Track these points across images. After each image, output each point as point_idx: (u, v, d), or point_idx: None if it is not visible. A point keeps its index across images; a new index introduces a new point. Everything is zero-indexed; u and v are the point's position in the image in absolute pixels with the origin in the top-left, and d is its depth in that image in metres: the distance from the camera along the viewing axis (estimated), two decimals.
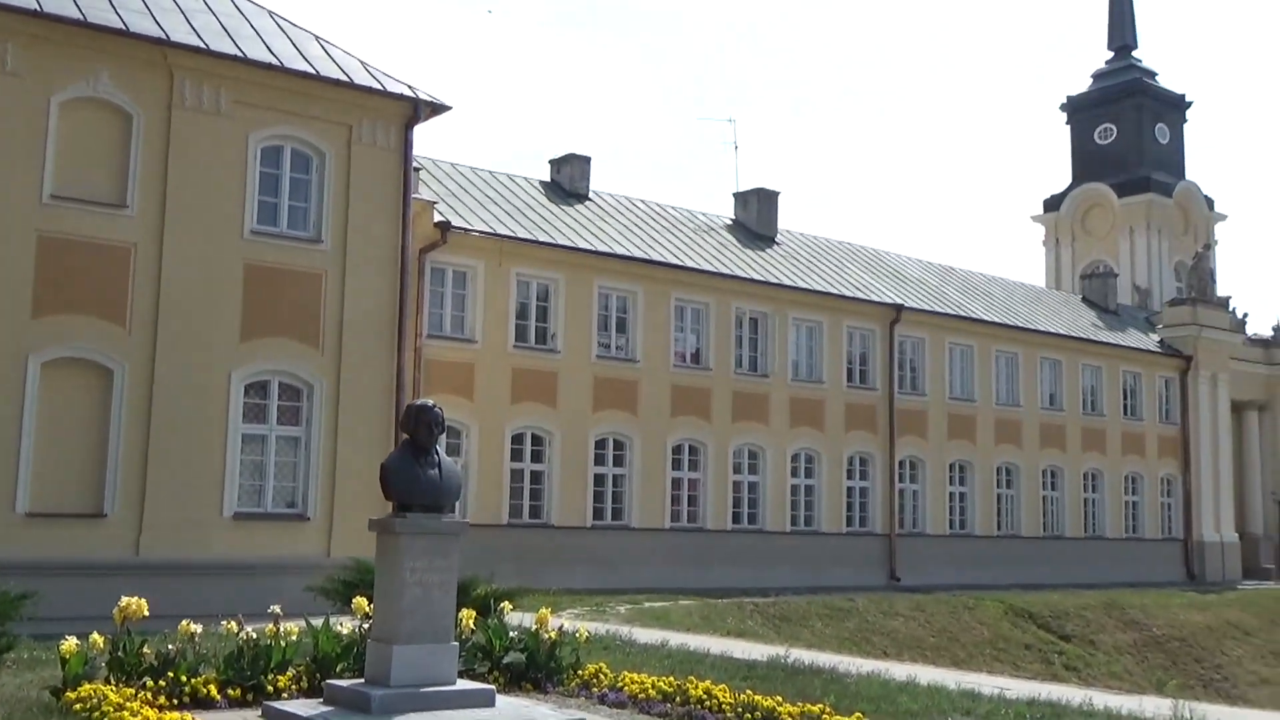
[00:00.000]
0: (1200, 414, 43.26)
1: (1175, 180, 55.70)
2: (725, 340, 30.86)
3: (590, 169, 32.93)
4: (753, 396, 31.31)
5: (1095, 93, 58.40)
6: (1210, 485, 43.28)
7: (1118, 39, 59.34)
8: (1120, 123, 56.68)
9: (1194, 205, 55.77)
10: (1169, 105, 57.86)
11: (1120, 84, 57.47)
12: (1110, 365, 40.98)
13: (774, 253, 34.73)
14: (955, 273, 41.98)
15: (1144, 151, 55.85)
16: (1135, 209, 54.14)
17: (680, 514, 29.82)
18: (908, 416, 34.58)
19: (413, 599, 9.13)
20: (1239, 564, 43.83)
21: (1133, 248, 53.87)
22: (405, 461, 9.49)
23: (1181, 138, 58.23)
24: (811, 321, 32.91)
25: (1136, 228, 54.09)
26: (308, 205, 20.85)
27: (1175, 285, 52.73)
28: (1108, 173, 55.71)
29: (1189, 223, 55.60)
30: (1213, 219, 56.70)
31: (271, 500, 20.06)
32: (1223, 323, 45.11)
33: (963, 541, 35.84)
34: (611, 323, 29.06)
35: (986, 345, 37.09)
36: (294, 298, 20.37)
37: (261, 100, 20.35)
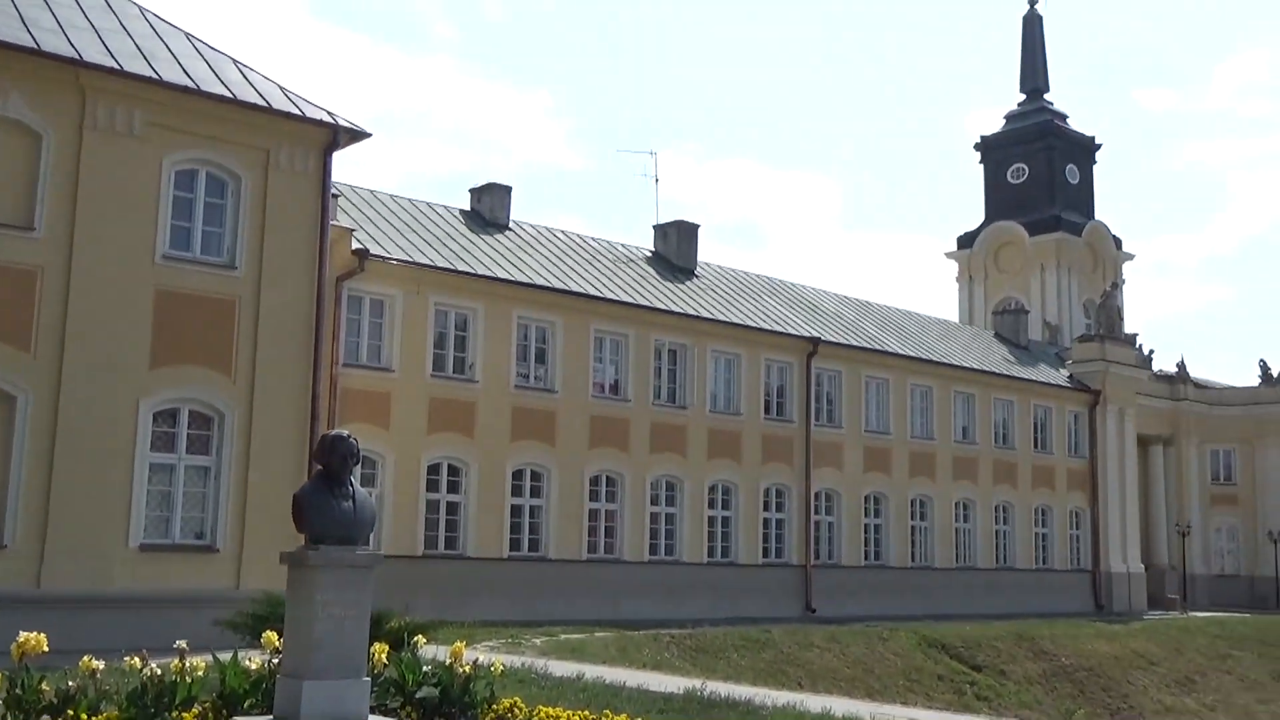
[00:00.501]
0: (1108, 447, 44.18)
1: (1085, 220, 57.15)
2: (644, 372, 30.89)
3: (511, 199, 32.87)
4: (671, 428, 31.35)
5: (1008, 133, 59.81)
6: (1117, 517, 44.16)
7: (1030, 82, 60.87)
8: (1032, 163, 58.06)
9: (1103, 244, 57.20)
10: (1079, 147, 59.42)
11: (1032, 125, 58.93)
12: (1021, 399, 41.72)
13: (693, 285, 34.89)
14: (871, 307, 42.52)
15: (1055, 191, 57.23)
16: (1046, 247, 55.39)
17: (598, 545, 29.70)
18: (824, 449, 34.85)
19: (324, 633, 8.95)
20: (1145, 594, 44.72)
21: (1043, 285, 55.09)
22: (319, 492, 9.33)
23: (1091, 178, 59.80)
24: (730, 354, 33.07)
25: (1047, 265, 55.33)
26: (222, 230, 20.53)
27: (1084, 322, 54.01)
28: (1020, 211, 56.99)
29: (1098, 261, 57.00)
30: (1120, 258, 58.21)
31: (179, 531, 19.61)
32: (1130, 359, 46.19)
33: (878, 572, 36.13)
34: (530, 353, 28.95)
35: (902, 379, 37.56)
36: (206, 324, 20.01)
37: (176, 123, 20.02)
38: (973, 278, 57.73)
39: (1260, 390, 52.76)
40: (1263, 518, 51.12)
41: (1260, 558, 51.05)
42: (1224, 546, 52.30)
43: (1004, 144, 59.36)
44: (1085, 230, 56.35)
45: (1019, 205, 57.32)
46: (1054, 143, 58.01)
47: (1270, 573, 50.09)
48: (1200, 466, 52.05)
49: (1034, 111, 59.71)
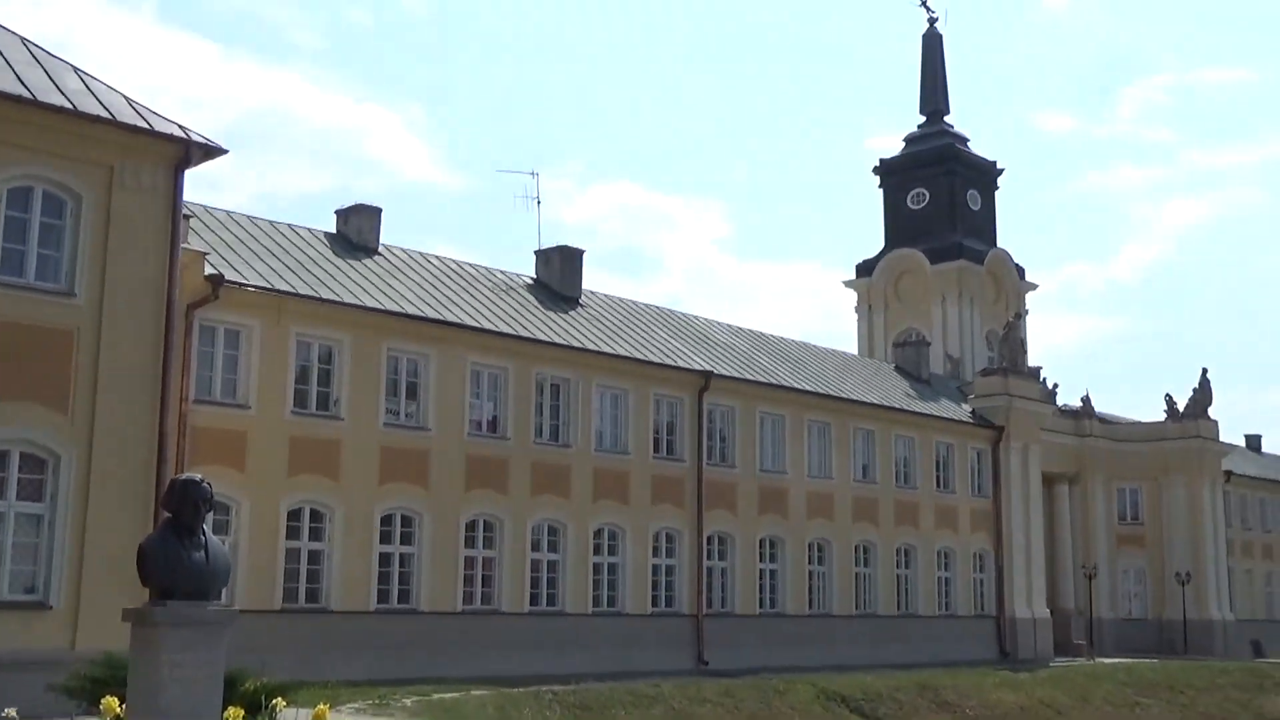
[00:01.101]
0: (1012, 486, 45.30)
1: (987, 248, 58.74)
2: (525, 408, 30.87)
3: (380, 221, 32.68)
4: (553, 468, 31.34)
5: (908, 157, 61.26)
6: (1022, 559, 45.23)
7: (930, 103, 62.47)
8: (933, 188, 59.53)
9: (1005, 273, 58.82)
10: (980, 172, 61.14)
11: (933, 149, 60.45)
12: (923, 436, 42.60)
13: (577, 315, 35.01)
14: (766, 339, 43.11)
15: (956, 218, 58.74)
16: (947, 276, 56.76)
17: (474, 595, 29.50)
18: (717, 489, 35.14)
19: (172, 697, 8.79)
20: (1050, 640, 45.83)
21: (945, 315, 56.42)
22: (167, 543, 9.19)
23: (993, 205, 61.53)
24: (616, 388, 33.22)
25: (949, 295, 56.69)
26: (60, 254, 20.02)
27: (987, 354, 55.42)
28: (920, 238, 58.34)
29: (1000, 291, 58.58)
30: (1024, 287, 59.92)
31: (8, 586, 18.98)
32: (1033, 393, 47.48)
33: (773, 621, 36.48)
34: (401, 388, 28.74)
35: (798, 415, 38.09)
36: (40, 357, 19.48)
37: (9, 136, 19.52)
38: (872, 308, 58.88)
39: (1166, 425, 54.61)
40: (1170, 558, 52.83)
41: (1168, 600, 52.71)
42: (1131, 589, 53.91)
43: (904, 168, 60.76)
44: (987, 258, 57.89)
45: (920, 232, 58.69)
46: (955, 167, 59.58)
47: (1178, 615, 51.74)
48: (1106, 505, 53.64)
49: (934, 134, 61.26)
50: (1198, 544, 52.81)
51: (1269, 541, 60.77)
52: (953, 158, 59.79)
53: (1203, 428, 54.01)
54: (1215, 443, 54.71)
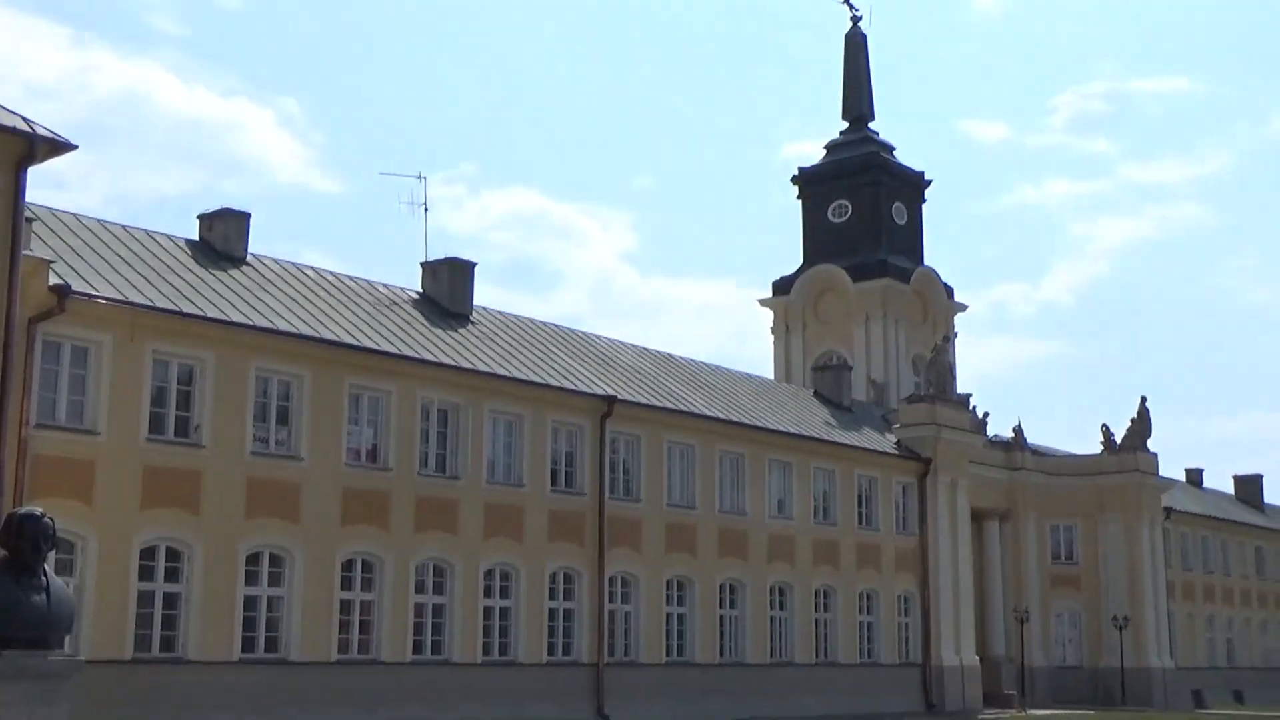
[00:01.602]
0: (939, 523, 45.99)
1: (913, 265, 59.70)
2: (409, 435, 30.71)
3: (249, 228, 32.40)
4: (440, 502, 31.20)
5: (829, 166, 62.08)
6: (950, 602, 45.92)
7: (853, 109, 63.41)
8: (856, 200, 60.38)
9: (933, 293, 59.80)
10: (907, 183, 62.15)
11: (855, 158, 61.29)
12: (844, 468, 43.10)
13: (468, 333, 34.96)
14: (675, 361, 43.38)
15: (881, 232, 59.63)
16: (871, 295, 57.57)
17: (350, 643, 29.24)
18: (620, 526, 35.21)
19: None
20: (979, 690, 46.55)
21: (868, 337, 57.19)
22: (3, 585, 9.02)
23: (920, 219, 62.57)
24: (511, 414, 33.20)
25: (872, 316, 57.50)
26: None
27: (913, 380, 56.23)
28: (842, 254, 59.09)
29: (928, 312, 59.54)
30: (952, 309, 60.96)
31: None
32: (963, 422, 48.30)
33: (681, 670, 36.61)
34: (271, 412, 28.47)
35: (710, 444, 38.34)
36: None
37: None
38: (790, 328, 59.52)
39: (1103, 459, 55.86)
40: (1106, 601, 53.97)
41: (1105, 646, 53.83)
42: (1065, 634, 54.99)
43: (825, 178, 61.56)
44: (914, 277, 58.81)
45: (841, 247, 59.45)
46: (880, 177, 60.47)
47: (1115, 663, 52.83)
48: (1039, 544, 54.69)
49: (858, 142, 62.17)
50: (1136, 586, 54.02)
51: (1211, 583, 62.38)
52: (878, 167, 60.68)
53: (1141, 461, 55.32)
54: (1154, 477, 56.05)
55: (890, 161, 61.84)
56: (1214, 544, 63.16)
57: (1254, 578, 65.73)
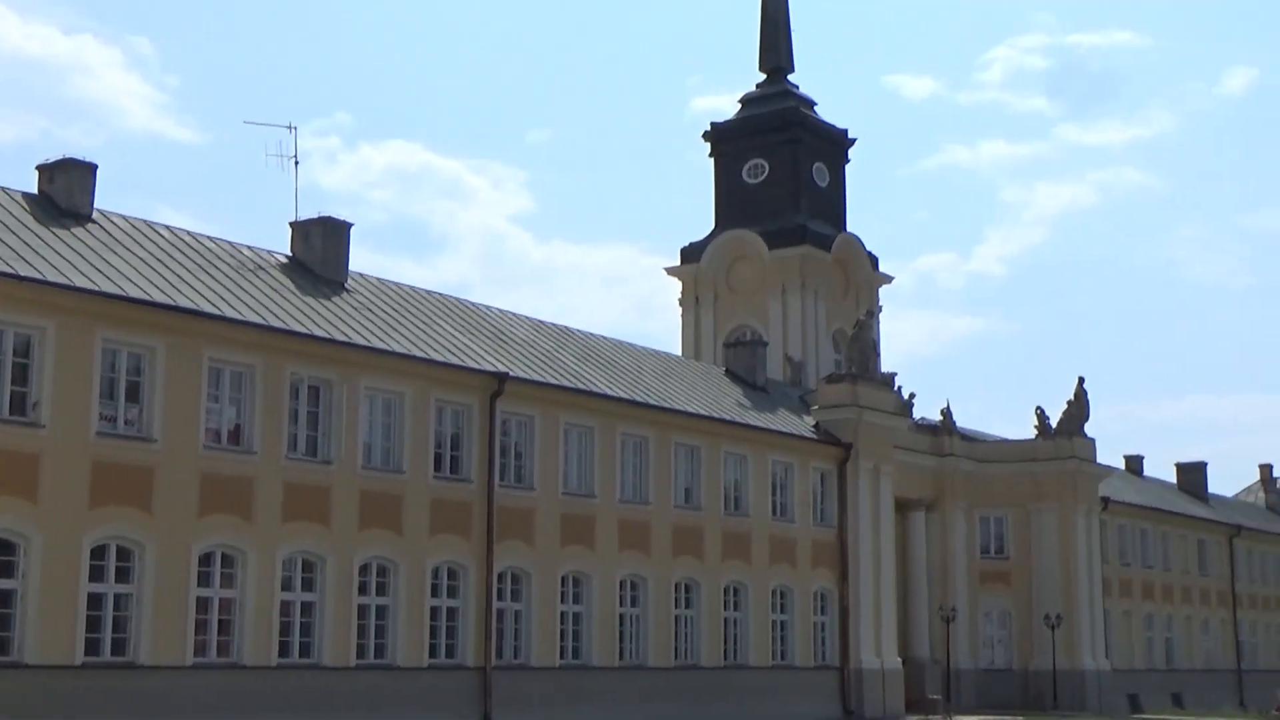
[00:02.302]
0: (860, 514, 46.51)
1: (835, 232, 60.07)
2: (275, 415, 30.47)
3: (95, 181, 31.91)
4: (310, 489, 31.00)
5: (744, 121, 62.22)
6: (870, 600, 46.49)
7: (771, 59, 63.57)
8: (773, 159, 60.59)
9: (856, 262, 60.22)
10: (829, 142, 62.47)
11: (773, 113, 61.49)
12: (758, 453, 43.40)
13: (343, 302, 34.72)
14: (572, 335, 43.38)
15: (800, 195, 59.93)
16: (789, 264, 57.81)
17: (208, 645, 29.01)
18: (511, 516, 35.20)
19: None
20: (902, 695, 47.18)
21: (785, 311, 57.44)
22: None
23: (843, 181, 62.99)
24: (390, 393, 33.03)
25: (790, 287, 57.74)
26: None
27: (834, 358, 56.70)
28: (758, 219, 59.26)
29: (850, 283, 59.98)
30: (877, 280, 61.45)
31: None
32: (887, 404, 48.80)
33: (577, 674, 36.74)
34: (119, 389, 28.13)
35: (610, 427, 38.42)
36: None
37: None
38: (700, 300, 59.64)
39: (1037, 444, 56.76)
40: (1038, 599, 54.91)
41: (1036, 647, 54.78)
42: (994, 634, 55.90)
43: (739, 134, 61.70)
44: (835, 244, 59.15)
45: (757, 211, 59.63)
46: (800, 135, 60.72)
47: (1047, 665, 53.79)
48: (968, 537, 55.47)
49: (776, 95, 62.37)
50: (1070, 582, 55.02)
51: (1150, 579, 63.65)
52: (797, 124, 60.89)
53: (1078, 447, 56.29)
54: (1091, 464, 57.07)
55: (811, 118, 62.09)
56: (1154, 537, 64.41)
57: (1195, 573, 67.18)
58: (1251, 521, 74.30)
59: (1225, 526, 69.97)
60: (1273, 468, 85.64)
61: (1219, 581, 68.86)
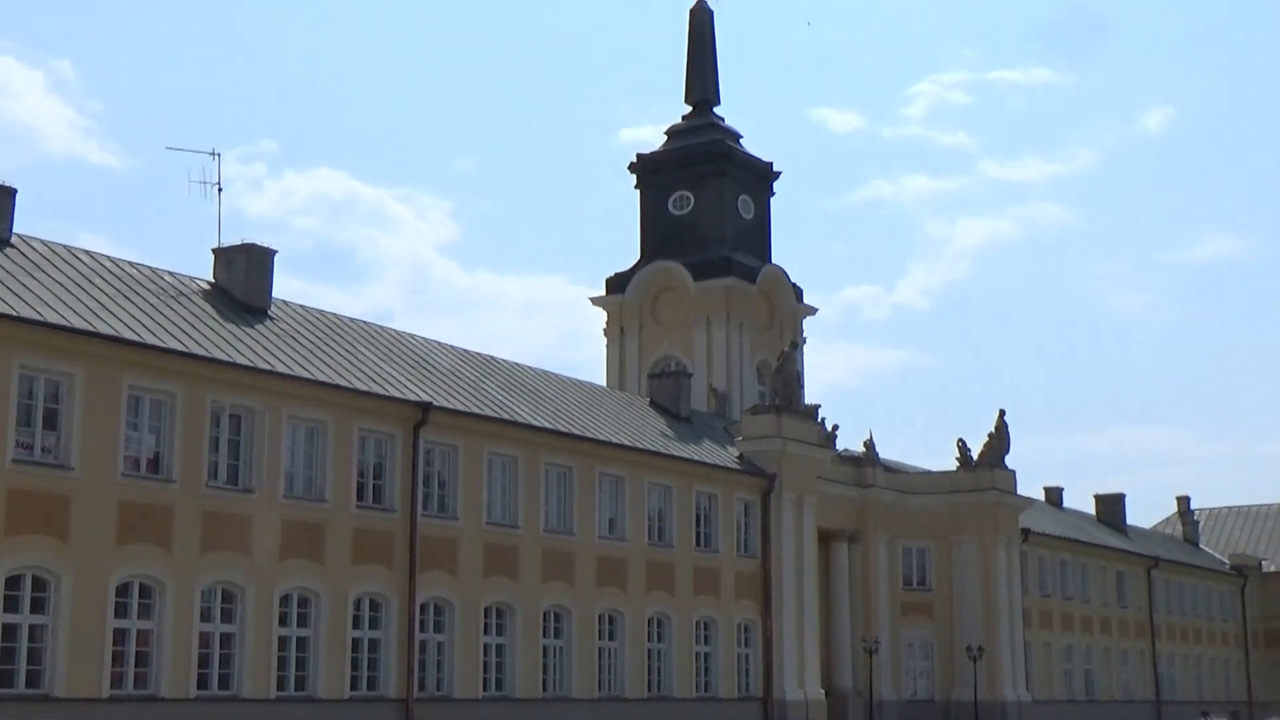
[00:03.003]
0: (784, 544, 46.75)
1: (760, 264, 60.59)
2: (196, 442, 30.25)
3: (14, 206, 31.58)
4: (231, 518, 30.78)
5: (670, 153, 62.65)
6: (794, 631, 46.70)
7: (697, 91, 64.09)
8: (699, 191, 61.04)
9: (780, 294, 60.72)
10: (754, 174, 63.02)
11: (699, 145, 61.98)
12: (682, 484, 43.55)
13: (266, 330, 34.54)
14: (497, 365, 43.38)
15: (725, 227, 60.38)
16: (714, 295, 58.20)
17: (125, 677, 28.69)
18: (435, 546, 35.12)
19: None
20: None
21: (710, 342, 57.82)
22: None
23: (768, 214, 63.54)
24: (313, 421, 32.89)
25: (715, 318, 58.14)
26: None
27: (758, 389, 57.04)
28: (683, 250, 59.69)
29: (774, 315, 60.45)
30: (801, 312, 61.98)
31: None
32: (810, 435, 49.13)
33: (500, 706, 36.63)
34: (37, 415, 27.85)
35: (534, 457, 38.42)
36: None
37: None
38: (625, 330, 59.84)
39: (958, 476, 57.25)
40: (960, 630, 55.30)
41: (958, 678, 55.13)
42: (917, 665, 56.22)
43: (665, 166, 62.10)
44: (760, 276, 59.65)
45: (683, 243, 60.02)
46: (725, 167, 61.23)
47: (969, 696, 54.11)
48: (890, 568, 55.80)
49: (702, 128, 62.86)
50: (991, 613, 55.49)
51: (1069, 610, 64.23)
52: (723, 156, 61.38)
53: (999, 479, 56.85)
54: (1012, 496, 57.65)
55: (736, 150, 62.63)
56: (1073, 568, 65.02)
57: (1114, 605, 67.87)
58: (1169, 553, 75.19)
59: (1143, 558, 70.75)
60: (1190, 499, 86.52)
61: (1137, 613, 69.61)
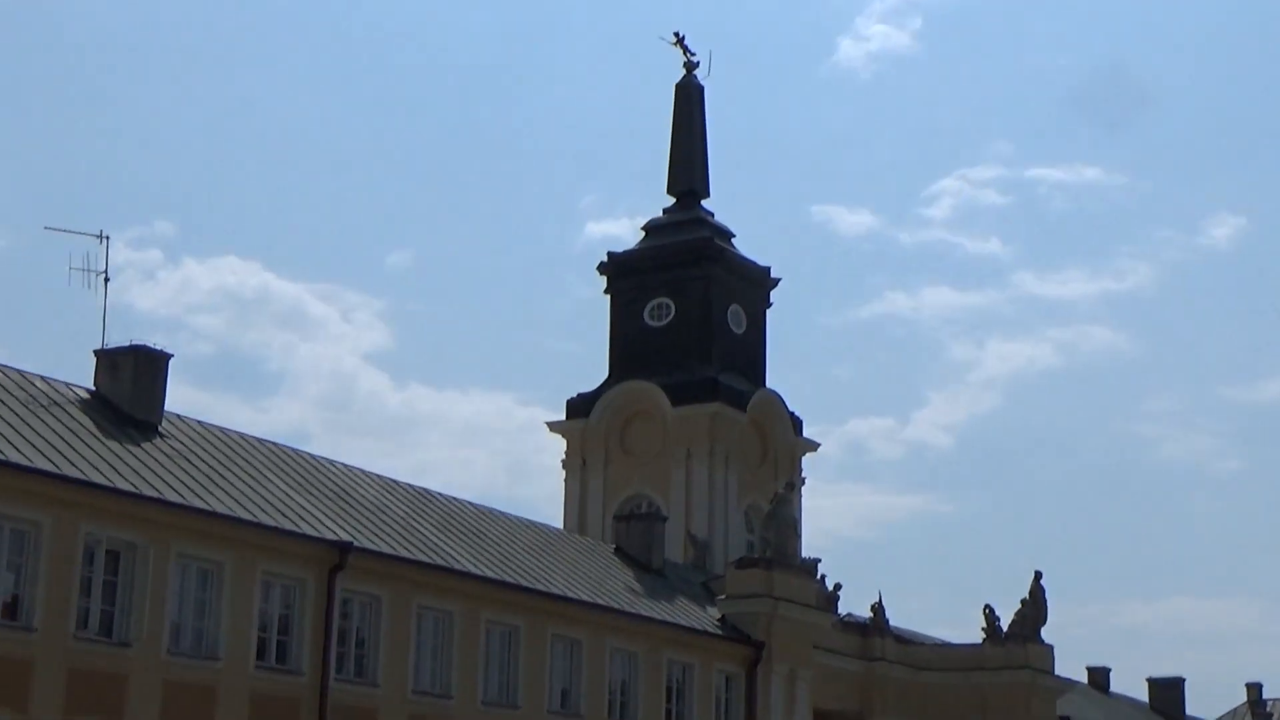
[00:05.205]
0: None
1: (752, 388, 60.31)
2: (64, 585, 30.03)
3: None
4: (102, 677, 30.57)
5: (648, 252, 62.57)
6: None
7: (683, 180, 64.20)
8: (681, 299, 60.86)
9: (775, 425, 60.49)
10: (748, 281, 62.89)
11: (683, 243, 61.93)
12: (651, 650, 43.23)
13: (155, 449, 34.45)
14: (432, 500, 43.23)
15: (712, 343, 60.19)
16: (696, 424, 57.89)
17: None
18: (349, 718, 34.78)
19: None
20: None
21: (689, 480, 57.36)
22: None
23: (763, 329, 63.41)
24: (206, 562, 32.72)
25: (696, 451, 57.75)
26: None
27: (746, 538, 56.66)
28: (660, 369, 59.36)
29: (768, 450, 60.16)
30: (800, 447, 61.67)
31: None
32: (808, 596, 48.83)
33: None
34: None
35: (474, 612, 38.20)
36: None
37: None
38: (587, 463, 59.45)
39: (984, 650, 56.76)
40: None
41: None
42: None
43: (642, 268, 61.97)
44: (752, 402, 59.40)
45: (660, 360, 59.69)
46: (714, 271, 61.06)
47: None
48: None
49: (687, 224, 62.85)
50: None
51: None
52: (711, 258, 61.25)
53: (1033, 655, 56.40)
54: (1049, 676, 57.19)
55: (728, 251, 62.58)
56: None
57: None
58: None
59: None
60: (1262, 687, 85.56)
61: None
